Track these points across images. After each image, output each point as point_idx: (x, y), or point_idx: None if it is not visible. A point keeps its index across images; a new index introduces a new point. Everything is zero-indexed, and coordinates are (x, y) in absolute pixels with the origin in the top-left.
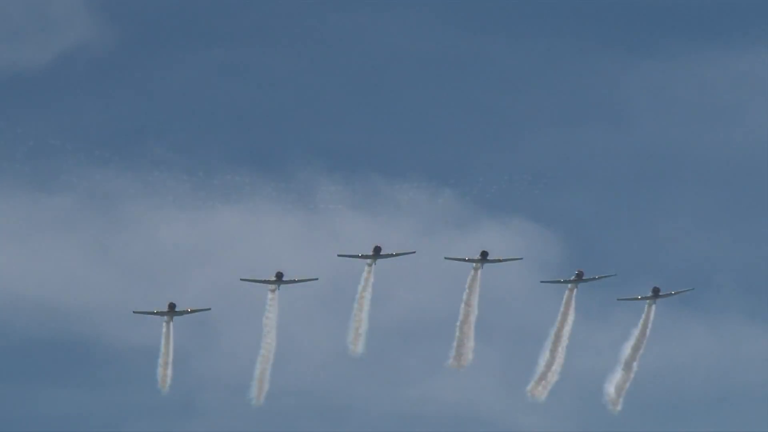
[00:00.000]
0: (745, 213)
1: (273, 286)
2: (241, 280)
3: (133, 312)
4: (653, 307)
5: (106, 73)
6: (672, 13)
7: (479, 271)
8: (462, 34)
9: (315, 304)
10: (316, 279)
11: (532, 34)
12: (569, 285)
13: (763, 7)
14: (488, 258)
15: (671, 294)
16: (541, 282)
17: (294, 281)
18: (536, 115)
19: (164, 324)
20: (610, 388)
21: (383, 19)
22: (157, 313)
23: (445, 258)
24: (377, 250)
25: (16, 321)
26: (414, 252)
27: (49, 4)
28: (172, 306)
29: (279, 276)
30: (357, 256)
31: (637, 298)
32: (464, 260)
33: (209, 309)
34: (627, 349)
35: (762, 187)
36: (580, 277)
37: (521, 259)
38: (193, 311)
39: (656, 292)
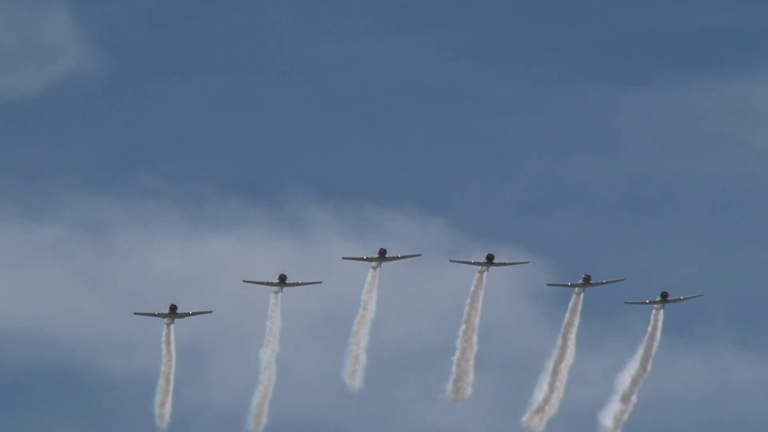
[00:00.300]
0: (738, 242)
1: (276, 289)
2: (244, 282)
3: (134, 313)
4: (661, 312)
5: (97, 102)
6: (664, 42)
7: (484, 274)
8: (452, 63)
9: (313, 332)
10: (320, 282)
11: (524, 62)
12: (576, 289)
13: (756, 37)
14: (494, 261)
15: (680, 299)
16: (548, 285)
17: (297, 284)
18: (528, 144)
19: (164, 332)
20: (607, 420)
21: (374, 48)
22: (158, 315)
23: (451, 261)
24: (382, 252)
25: (6, 350)
26: (420, 254)
27: (41, 33)
28: (173, 308)
29: (282, 278)
30: (362, 259)
31: (645, 302)
32: (470, 263)
33: (211, 312)
34: (626, 379)
35: (754, 216)
36: (587, 281)
37: (527, 263)
38: (194, 314)
39: (665, 297)
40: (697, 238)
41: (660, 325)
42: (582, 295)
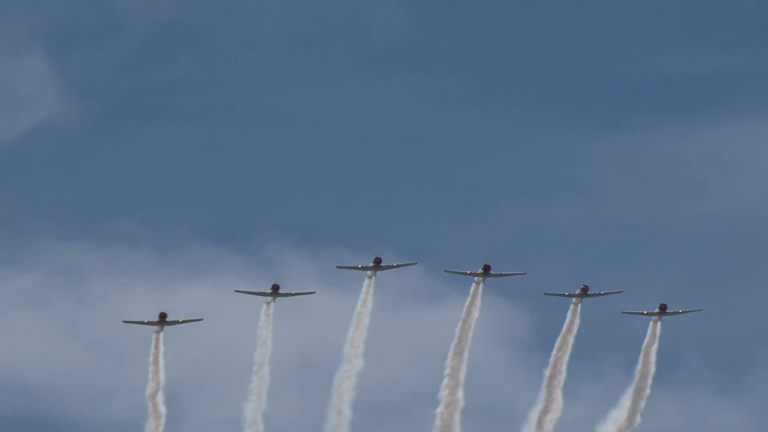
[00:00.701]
0: (712, 287)
1: (269, 299)
2: (235, 291)
3: (123, 321)
4: (658, 328)
5: (73, 150)
6: (639, 87)
7: (480, 285)
8: (429, 109)
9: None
10: (314, 293)
11: (500, 108)
12: (573, 299)
13: (730, 83)
14: (491, 272)
15: (678, 312)
16: (545, 294)
17: (291, 294)
18: (503, 190)
19: (153, 340)
20: None
21: (350, 94)
22: (148, 323)
23: (446, 271)
24: (378, 261)
25: None
26: (415, 263)
27: (17, 80)
28: (163, 316)
29: (275, 288)
30: (357, 267)
31: (643, 313)
32: (466, 273)
33: (201, 319)
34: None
35: (728, 262)
36: (585, 292)
37: (524, 273)
38: (184, 321)
39: (663, 309)
40: (672, 282)
41: (652, 367)
42: (579, 305)
